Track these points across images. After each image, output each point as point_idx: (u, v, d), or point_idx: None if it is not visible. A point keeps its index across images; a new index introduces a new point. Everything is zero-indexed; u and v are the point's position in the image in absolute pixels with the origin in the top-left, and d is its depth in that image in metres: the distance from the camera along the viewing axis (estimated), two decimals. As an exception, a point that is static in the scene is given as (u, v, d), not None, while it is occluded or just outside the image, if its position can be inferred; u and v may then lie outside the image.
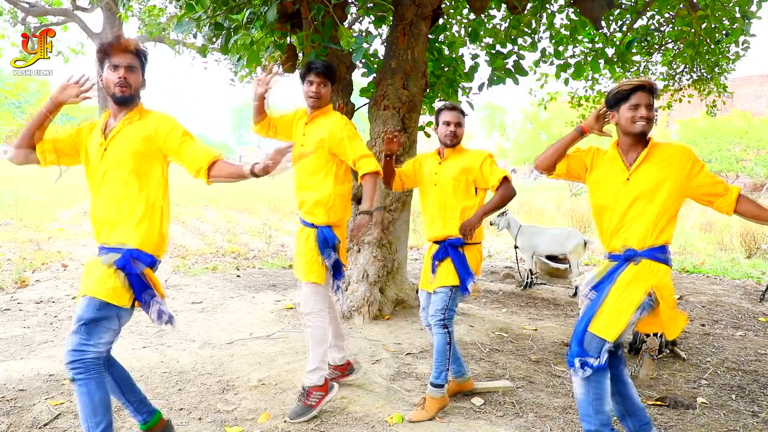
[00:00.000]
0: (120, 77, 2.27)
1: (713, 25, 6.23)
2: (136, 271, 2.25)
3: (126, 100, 2.32)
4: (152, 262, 2.33)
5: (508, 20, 6.48)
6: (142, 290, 2.26)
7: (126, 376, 2.45)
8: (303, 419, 2.93)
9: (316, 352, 3.00)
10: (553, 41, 6.86)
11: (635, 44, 6.88)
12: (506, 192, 2.98)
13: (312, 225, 3.05)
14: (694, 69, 7.88)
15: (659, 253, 2.35)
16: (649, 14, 7.09)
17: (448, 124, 3.10)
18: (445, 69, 5.68)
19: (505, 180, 2.98)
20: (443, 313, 3.00)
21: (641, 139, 2.39)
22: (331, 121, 3.04)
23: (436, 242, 3.14)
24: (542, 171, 2.67)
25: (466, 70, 5.69)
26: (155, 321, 2.31)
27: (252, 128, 3.25)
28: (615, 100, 2.38)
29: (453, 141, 3.11)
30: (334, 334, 3.30)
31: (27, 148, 2.35)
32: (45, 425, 2.83)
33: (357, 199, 5.14)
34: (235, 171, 2.31)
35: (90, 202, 2.38)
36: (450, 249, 3.04)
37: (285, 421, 2.95)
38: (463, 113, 3.17)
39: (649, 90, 2.34)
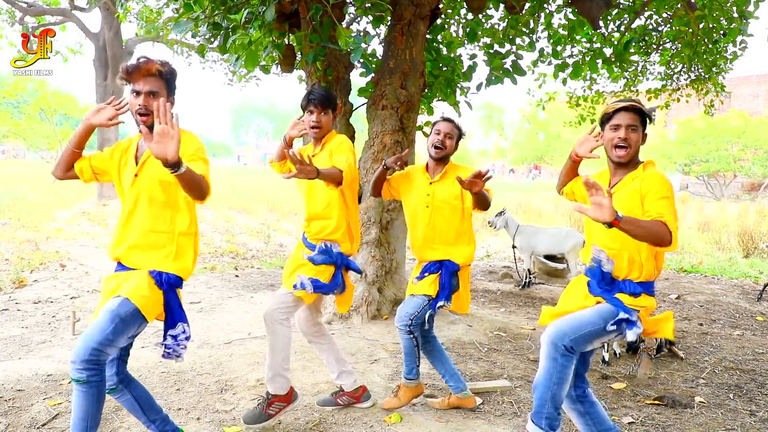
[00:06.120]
0: (140, 105, 2.19)
1: (711, 25, 6.24)
2: (177, 297, 2.29)
3: (148, 127, 2.23)
4: (179, 283, 2.34)
5: (507, 20, 6.50)
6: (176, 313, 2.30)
7: (146, 396, 2.42)
8: (256, 426, 2.86)
9: (273, 359, 2.89)
10: (551, 41, 6.87)
11: (633, 44, 6.89)
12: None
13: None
14: (692, 69, 7.91)
15: (635, 289, 2.23)
16: (646, 14, 7.11)
17: (438, 132, 3.03)
18: (444, 69, 5.68)
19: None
20: (411, 318, 2.94)
21: (624, 164, 2.29)
22: (333, 142, 2.98)
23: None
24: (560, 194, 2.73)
25: (464, 70, 5.70)
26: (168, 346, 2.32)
27: (271, 164, 3.21)
28: (601, 121, 2.35)
29: (438, 154, 3.02)
30: (335, 359, 3.18)
31: (66, 170, 2.37)
32: (43, 425, 2.83)
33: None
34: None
35: (120, 220, 2.32)
36: (445, 271, 2.98)
37: (279, 423, 2.95)
38: (459, 129, 3.09)
39: (633, 110, 2.23)
